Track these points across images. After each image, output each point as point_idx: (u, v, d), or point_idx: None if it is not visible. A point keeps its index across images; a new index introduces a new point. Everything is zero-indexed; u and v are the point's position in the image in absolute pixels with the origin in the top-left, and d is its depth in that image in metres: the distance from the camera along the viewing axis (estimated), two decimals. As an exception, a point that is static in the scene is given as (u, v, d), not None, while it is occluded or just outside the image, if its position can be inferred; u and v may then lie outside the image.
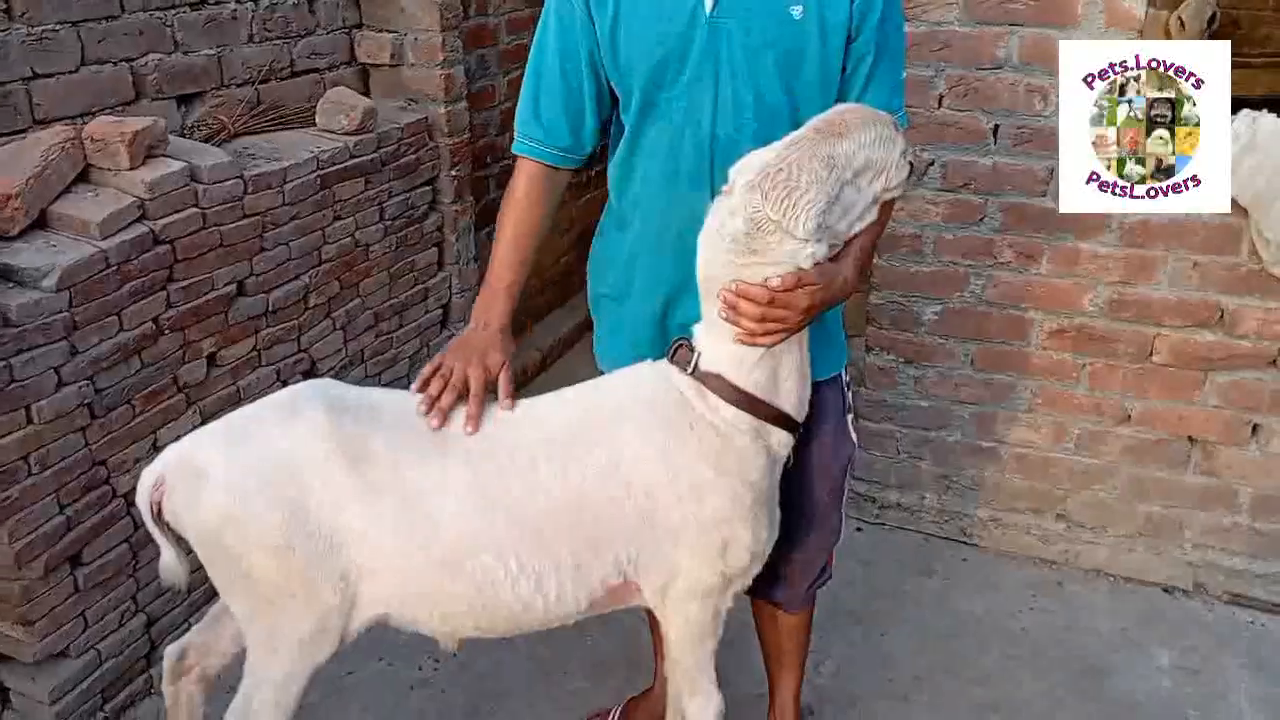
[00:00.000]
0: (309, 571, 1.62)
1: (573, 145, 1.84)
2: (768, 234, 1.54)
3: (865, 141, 1.58)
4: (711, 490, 1.68)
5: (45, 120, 2.38)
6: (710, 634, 1.85)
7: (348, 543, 1.62)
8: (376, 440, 1.65)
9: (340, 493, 1.61)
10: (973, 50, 2.65)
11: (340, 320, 3.03)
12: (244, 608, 1.70)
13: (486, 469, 1.66)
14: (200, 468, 1.61)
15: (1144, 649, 2.71)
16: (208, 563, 1.67)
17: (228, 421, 1.71)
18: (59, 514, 2.20)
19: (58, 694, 2.24)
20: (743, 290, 1.56)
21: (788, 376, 1.69)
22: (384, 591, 1.67)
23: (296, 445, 1.61)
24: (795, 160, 1.53)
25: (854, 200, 1.60)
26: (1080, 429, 2.90)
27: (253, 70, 2.94)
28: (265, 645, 1.69)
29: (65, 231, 2.24)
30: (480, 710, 2.50)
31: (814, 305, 1.57)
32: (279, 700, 1.71)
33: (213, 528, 1.61)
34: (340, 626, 1.68)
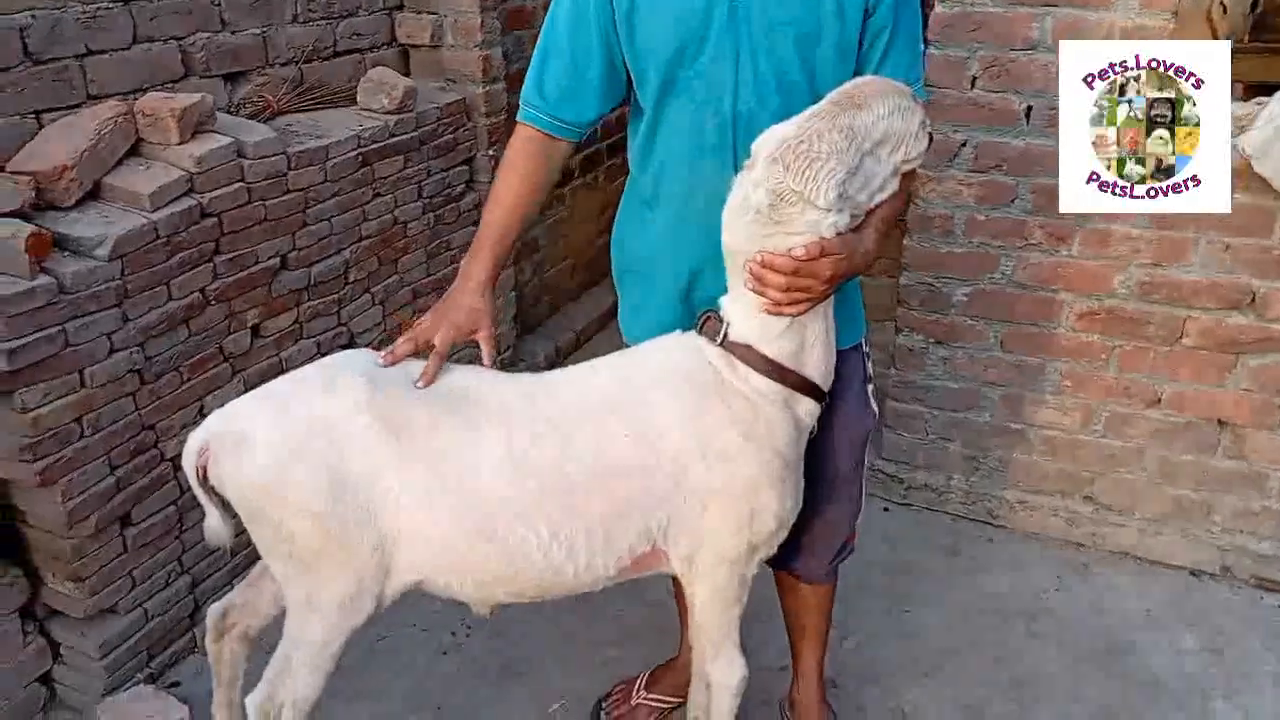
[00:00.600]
0: (346, 537, 1.66)
1: (572, 117, 1.87)
2: (790, 205, 1.57)
3: (884, 113, 1.61)
4: (741, 458, 1.72)
5: (99, 96, 2.45)
6: (736, 600, 1.89)
7: (384, 509, 1.67)
8: (413, 409, 1.69)
9: (378, 461, 1.66)
10: (1006, 31, 2.66)
11: (379, 295, 3.10)
12: (284, 570, 1.75)
13: (520, 437, 1.70)
14: (244, 434, 1.67)
15: (1169, 630, 2.73)
16: (250, 525, 1.73)
17: (270, 389, 1.76)
18: (109, 475, 2.28)
19: (107, 649, 2.34)
20: (768, 261, 1.60)
21: (814, 345, 1.73)
22: (419, 558, 1.71)
23: (336, 414, 1.66)
24: (815, 132, 1.57)
25: (874, 171, 1.63)
26: (1109, 411, 2.91)
27: (297, 50, 3.01)
28: (304, 607, 1.75)
29: (117, 203, 2.31)
30: (510, 675, 2.56)
31: (837, 274, 1.61)
32: (316, 661, 1.77)
33: (255, 492, 1.67)
34: (376, 591, 1.73)
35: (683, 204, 1.84)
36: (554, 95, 1.85)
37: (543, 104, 1.86)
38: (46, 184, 2.20)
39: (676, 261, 1.88)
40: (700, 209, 1.80)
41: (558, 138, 1.90)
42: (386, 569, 1.72)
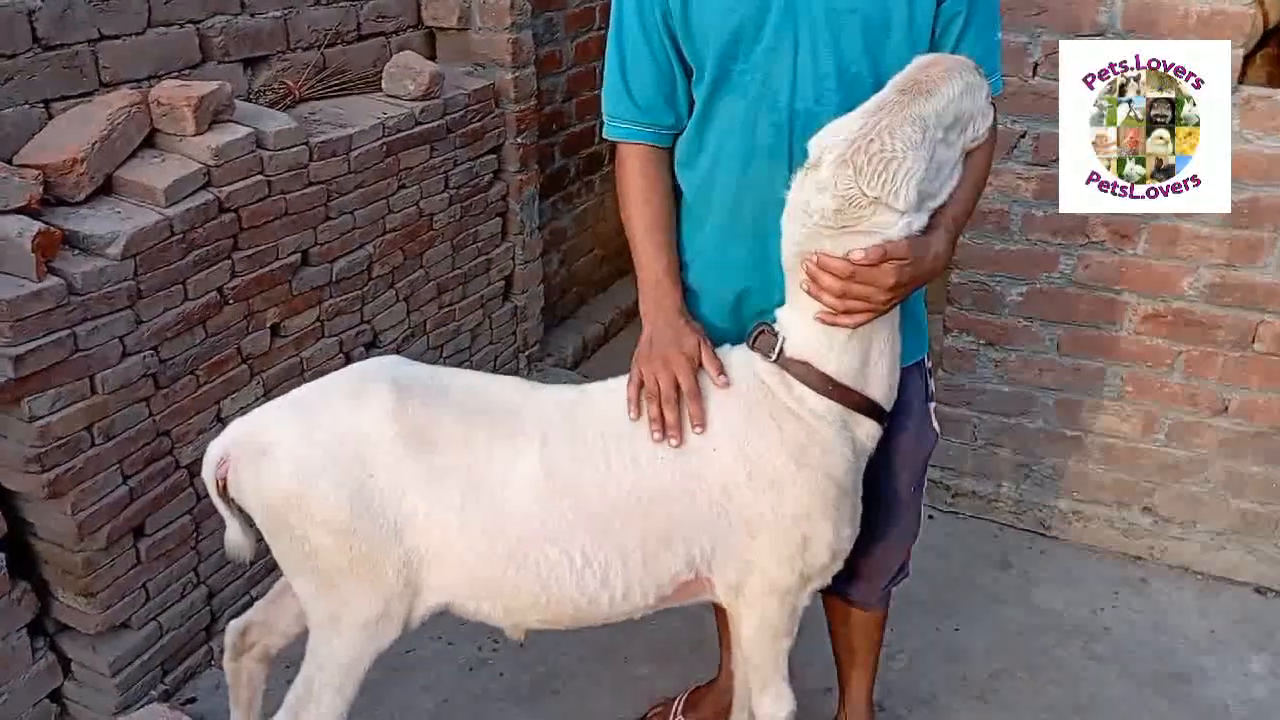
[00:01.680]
0: (372, 554, 1.58)
1: (674, 121, 1.73)
2: (860, 209, 1.43)
3: (954, 94, 1.47)
4: (793, 484, 1.60)
5: (112, 83, 2.33)
6: (785, 632, 1.77)
7: (412, 527, 1.58)
8: (444, 423, 1.60)
9: (405, 476, 1.57)
10: (1072, 15, 2.49)
11: (403, 291, 2.98)
12: (307, 587, 1.66)
13: (558, 456, 1.60)
14: (266, 444, 1.58)
15: (1235, 652, 2.58)
16: (272, 540, 1.65)
17: (294, 398, 1.67)
18: (122, 485, 2.18)
19: (119, 665, 2.23)
20: (823, 263, 1.46)
21: (879, 361, 1.60)
22: (448, 579, 1.62)
23: (362, 426, 1.57)
24: (886, 127, 1.42)
25: (945, 158, 1.49)
26: (1173, 419, 2.75)
27: (319, 33, 2.88)
28: (328, 627, 1.66)
29: (131, 197, 2.19)
30: (542, 693, 2.45)
31: (902, 282, 1.45)
32: (341, 684, 1.68)
33: (277, 505, 1.59)
34: (404, 612, 1.64)
35: (732, 211, 1.69)
36: (648, 104, 1.71)
37: (641, 115, 1.72)
38: (56, 178, 2.08)
39: (724, 275, 1.74)
40: (751, 217, 1.66)
41: (664, 147, 1.76)
42: (414, 589, 1.63)
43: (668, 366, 1.60)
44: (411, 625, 1.67)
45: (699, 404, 1.59)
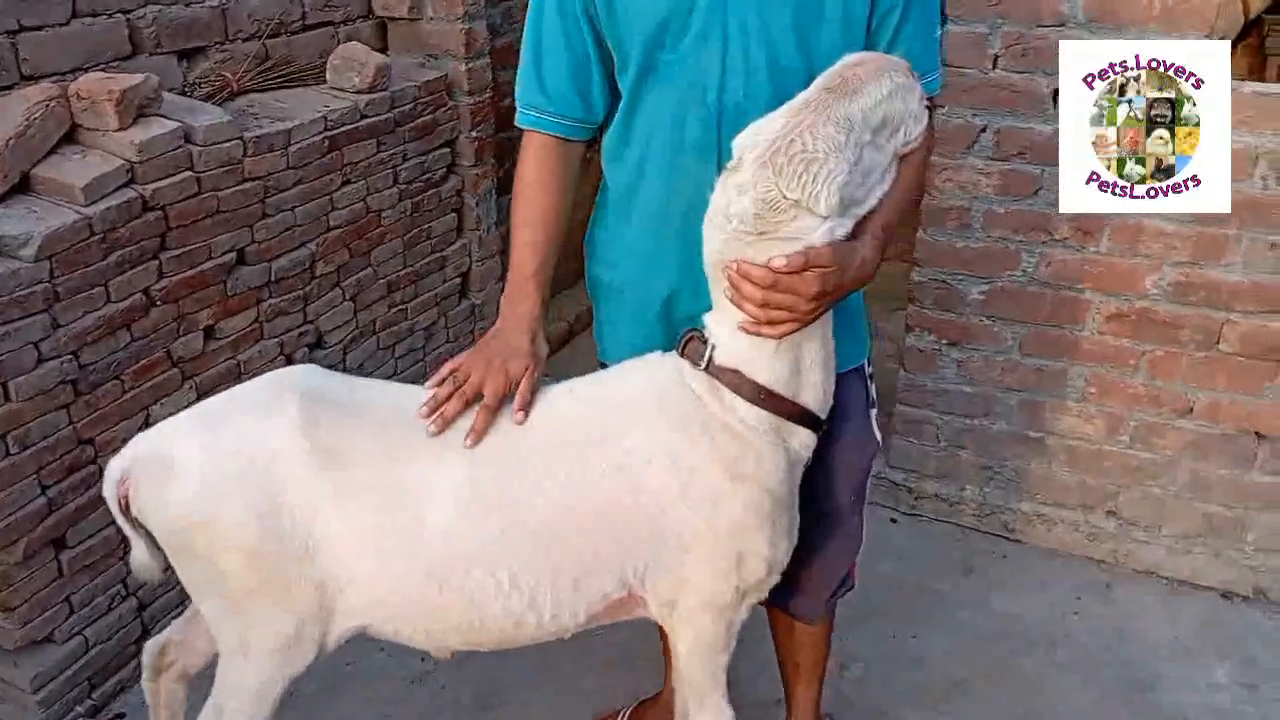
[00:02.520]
0: (283, 577, 1.50)
1: (584, 114, 1.65)
2: (780, 212, 1.36)
3: (882, 95, 1.39)
4: (727, 498, 1.52)
5: (34, 77, 2.24)
6: (722, 648, 1.70)
7: (325, 548, 1.49)
8: (360, 438, 1.51)
9: (316, 495, 1.48)
10: (1033, 6, 2.42)
11: (350, 290, 2.89)
12: (215, 611, 1.58)
13: (484, 473, 1.52)
14: (168, 462, 1.49)
15: (1199, 659, 2.52)
16: (176, 562, 1.56)
17: (199, 411, 1.58)
18: (40, 495, 2.09)
19: (40, 681, 2.15)
20: (744, 271, 1.39)
21: (811, 369, 1.52)
22: (363, 602, 1.54)
23: (271, 441, 1.48)
24: (808, 126, 1.34)
25: (874, 161, 1.41)
26: (1137, 421, 2.69)
27: (260, 23, 2.78)
28: (237, 652, 1.58)
29: (49, 196, 2.11)
30: (485, 707, 2.37)
31: (826, 291, 1.38)
32: (252, 712, 1.60)
33: (181, 526, 1.50)
34: (317, 636, 1.56)
35: (659, 208, 1.61)
36: (558, 93, 1.62)
37: (548, 104, 1.63)
38: (-33, 176, 1.99)
39: (652, 276, 1.66)
40: (679, 215, 1.58)
41: (571, 139, 1.67)
42: (329, 612, 1.54)
43: (486, 370, 1.55)
44: (326, 649, 1.59)
45: (485, 419, 1.52)
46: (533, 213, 1.65)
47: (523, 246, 1.66)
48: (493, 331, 1.65)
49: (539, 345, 1.64)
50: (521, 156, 1.68)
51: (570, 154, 1.68)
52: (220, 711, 1.61)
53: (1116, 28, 2.34)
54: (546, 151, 1.66)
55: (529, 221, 1.65)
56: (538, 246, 1.65)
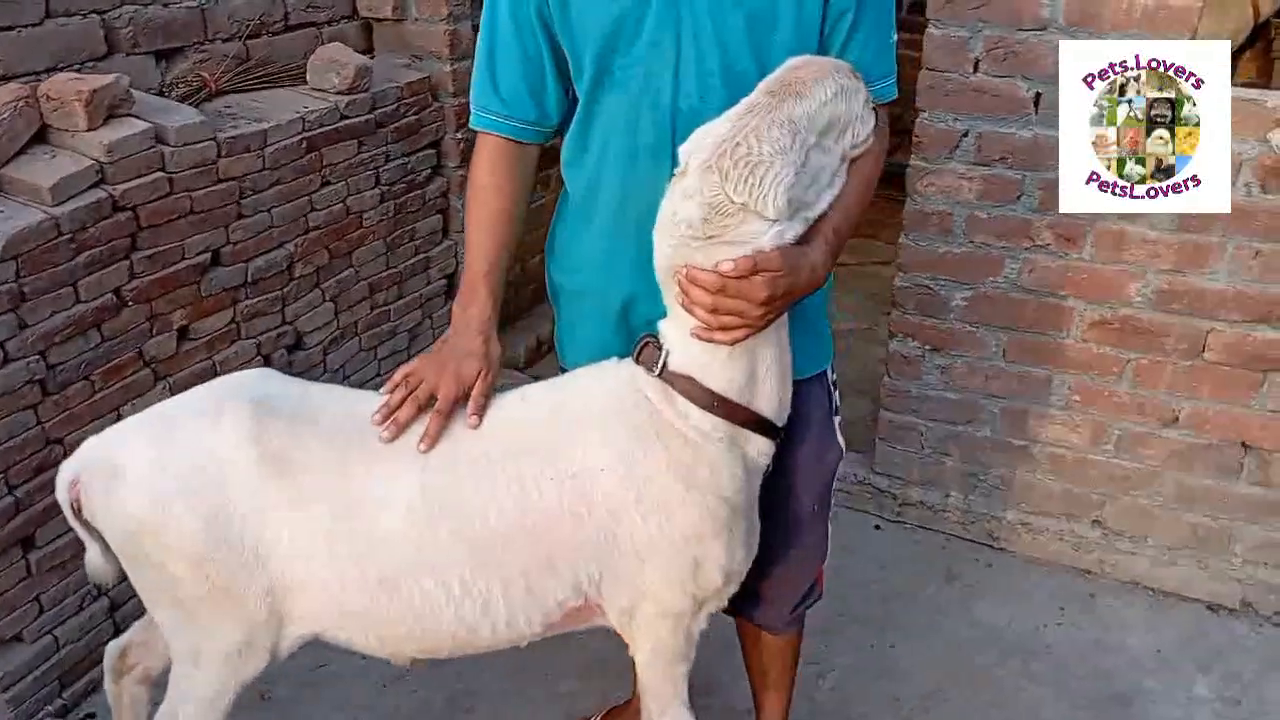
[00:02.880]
0: (233, 583, 1.49)
1: (538, 117, 1.64)
2: (728, 216, 1.34)
3: (826, 97, 1.37)
4: (681, 506, 1.51)
5: (6, 77, 2.24)
6: (681, 657, 1.68)
7: (274, 555, 1.49)
8: (310, 445, 1.51)
9: (265, 502, 1.47)
10: (1014, 9, 2.38)
11: (330, 291, 2.88)
12: (166, 618, 1.58)
13: (437, 480, 1.51)
14: (117, 467, 1.49)
15: (1180, 673, 2.48)
16: (128, 567, 1.56)
17: (148, 416, 1.58)
18: (8, 495, 2.09)
19: (9, 680, 2.15)
20: (692, 275, 1.37)
21: (766, 376, 1.50)
22: (314, 608, 1.54)
23: (219, 448, 1.48)
24: (753, 129, 1.33)
25: (822, 164, 1.40)
26: (1121, 430, 2.65)
27: (240, 23, 2.78)
28: (189, 659, 1.58)
29: (17, 196, 2.10)
30: (457, 711, 2.36)
31: (776, 295, 1.36)
32: (204, 717, 1.60)
33: (130, 531, 1.50)
34: (269, 643, 1.56)
35: (616, 213, 1.60)
36: (512, 95, 1.61)
37: (501, 107, 1.62)
38: (-66, 176, 1.99)
39: (610, 279, 1.64)
40: (635, 219, 1.56)
41: (525, 142, 1.66)
42: (279, 619, 1.54)
43: (439, 375, 1.54)
44: (279, 656, 1.59)
45: (438, 423, 1.52)
46: (485, 215, 1.64)
47: (475, 248, 1.64)
48: (445, 335, 1.65)
49: (492, 347, 1.62)
50: (475, 158, 1.67)
51: (524, 157, 1.67)
52: (174, 718, 1.61)
53: (1098, 32, 2.31)
54: (500, 154, 1.65)
55: (481, 224, 1.64)
56: (489, 249, 1.63)
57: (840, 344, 3.73)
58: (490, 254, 1.64)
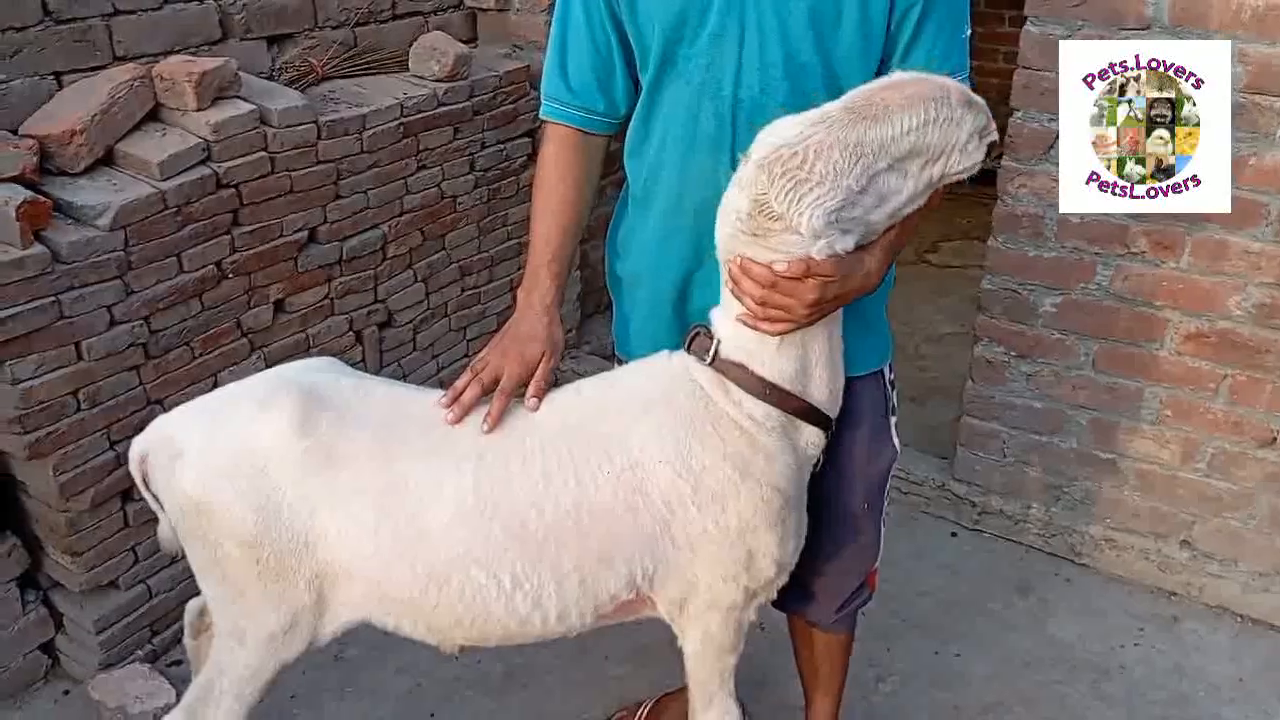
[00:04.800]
0: (281, 567, 1.53)
1: (606, 108, 1.68)
2: (770, 219, 1.35)
3: (912, 125, 1.33)
4: (736, 496, 1.51)
5: (126, 58, 2.39)
6: (730, 649, 1.69)
7: (321, 544, 1.52)
8: (359, 437, 1.52)
9: (311, 493, 1.50)
10: (1115, 7, 2.31)
11: (422, 272, 2.98)
12: (214, 594, 1.63)
13: (491, 474, 1.52)
14: (178, 447, 1.54)
15: (1262, 704, 2.37)
16: (184, 541, 1.61)
17: (208, 400, 1.63)
18: (109, 450, 2.23)
19: (103, 624, 2.30)
20: (746, 267, 1.39)
21: (817, 365, 1.51)
22: (361, 596, 1.56)
23: (266, 439, 1.51)
24: (816, 145, 1.31)
25: (896, 188, 1.37)
26: (1215, 448, 2.55)
27: (350, 12, 2.89)
28: (233, 634, 1.62)
29: (129, 170, 2.24)
30: (512, 686, 2.42)
31: (823, 299, 1.37)
32: (241, 693, 1.64)
33: (186, 509, 1.55)
34: (311, 626, 1.59)
35: (674, 201, 1.62)
36: (581, 86, 1.66)
37: (571, 98, 1.67)
38: (56, 149, 2.14)
39: (666, 266, 1.67)
40: (692, 208, 1.59)
41: (592, 133, 1.70)
42: (325, 605, 1.57)
43: (503, 358, 1.58)
44: (322, 640, 1.62)
45: (501, 403, 1.54)
46: (550, 202, 1.68)
47: (539, 235, 1.68)
48: (510, 321, 1.68)
49: (554, 331, 1.65)
50: (543, 148, 1.72)
51: (591, 147, 1.70)
52: (210, 688, 1.65)
53: (1204, 32, 2.22)
54: (567, 143, 1.69)
55: (546, 211, 1.68)
56: (553, 236, 1.67)
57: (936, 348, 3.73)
58: (554, 240, 1.68)
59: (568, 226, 1.69)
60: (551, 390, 1.63)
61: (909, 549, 2.84)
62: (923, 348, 3.79)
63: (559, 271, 1.68)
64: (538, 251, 1.68)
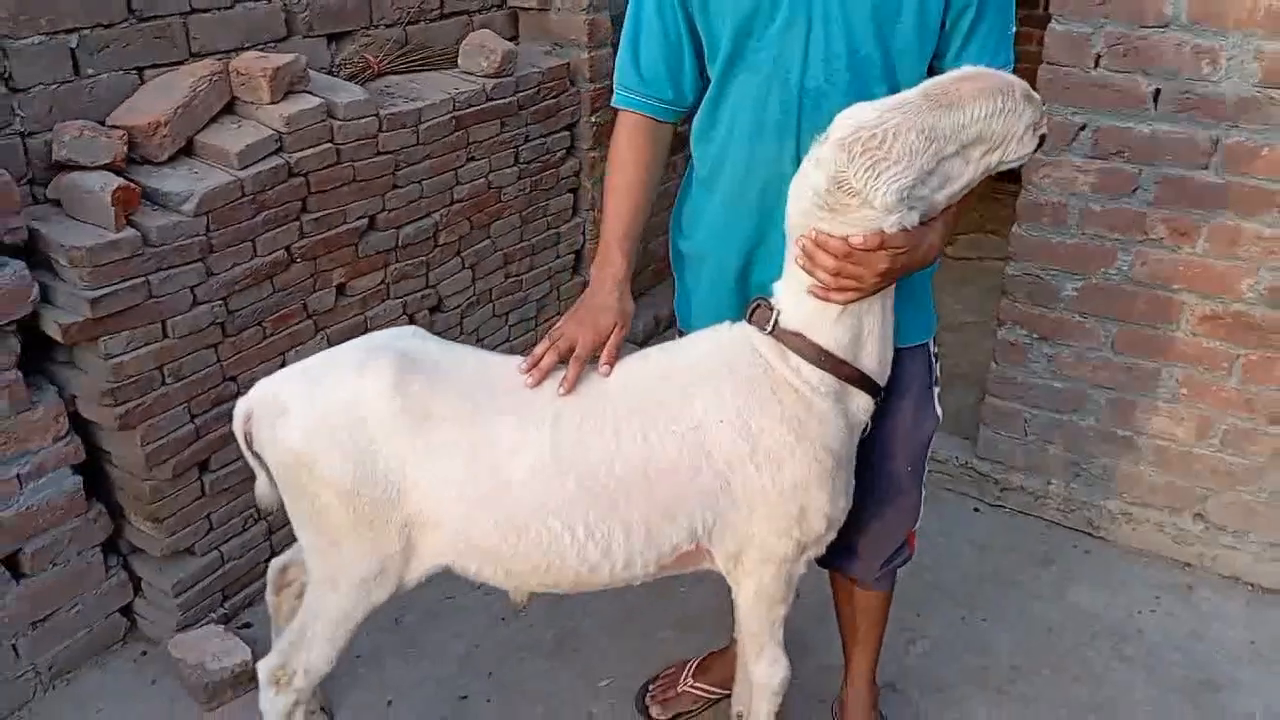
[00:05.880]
0: (375, 516, 1.66)
1: (674, 97, 1.80)
2: (848, 195, 1.47)
3: (980, 115, 1.47)
4: (791, 456, 1.64)
5: (200, 54, 2.52)
6: (781, 600, 1.82)
7: (413, 494, 1.65)
8: (448, 397, 1.66)
9: (405, 448, 1.63)
10: (1136, 6, 2.44)
11: (469, 259, 3.12)
12: (311, 542, 1.77)
13: (567, 433, 1.65)
14: (283, 405, 1.68)
15: (1274, 666, 2.51)
16: (285, 494, 1.75)
17: (309, 364, 1.76)
18: (189, 422, 2.37)
19: (181, 588, 2.44)
20: (821, 240, 1.51)
21: (870, 336, 1.64)
22: (446, 544, 1.70)
23: (366, 396, 1.64)
24: (894, 128, 1.44)
25: (959, 172, 1.51)
26: (1228, 425, 2.68)
27: (402, 10, 3.03)
28: (327, 580, 1.76)
29: (208, 159, 2.38)
30: (564, 649, 2.56)
31: (893, 269, 1.51)
32: (333, 635, 1.79)
33: (289, 463, 1.68)
34: (399, 570, 1.73)
35: (740, 184, 1.75)
36: (652, 76, 1.79)
37: (643, 86, 1.80)
38: (142, 139, 2.28)
39: (729, 244, 1.80)
40: (757, 190, 1.72)
41: (661, 120, 1.83)
42: (412, 551, 1.71)
43: (578, 328, 1.72)
44: (406, 585, 1.75)
45: (576, 369, 1.68)
46: (622, 183, 1.82)
47: (611, 214, 1.82)
48: (584, 294, 1.82)
49: (625, 303, 1.79)
50: (615, 133, 1.85)
51: (659, 133, 1.84)
52: (304, 631, 1.81)
53: (1221, 30, 2.35)
54: (638, 130, 1.82)
55: (618, 191, 1.82)
56: (624, 214, 1.81)
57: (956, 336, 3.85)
58: (626, 219, 1.82)
59: (639, 207, 1.83)
60: (623, 357, 1.77)
61: (936, 525, 2.97)
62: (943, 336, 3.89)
63: (629, 249, 1.82)
64: (610, 229, 1.82)
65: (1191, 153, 2.49)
